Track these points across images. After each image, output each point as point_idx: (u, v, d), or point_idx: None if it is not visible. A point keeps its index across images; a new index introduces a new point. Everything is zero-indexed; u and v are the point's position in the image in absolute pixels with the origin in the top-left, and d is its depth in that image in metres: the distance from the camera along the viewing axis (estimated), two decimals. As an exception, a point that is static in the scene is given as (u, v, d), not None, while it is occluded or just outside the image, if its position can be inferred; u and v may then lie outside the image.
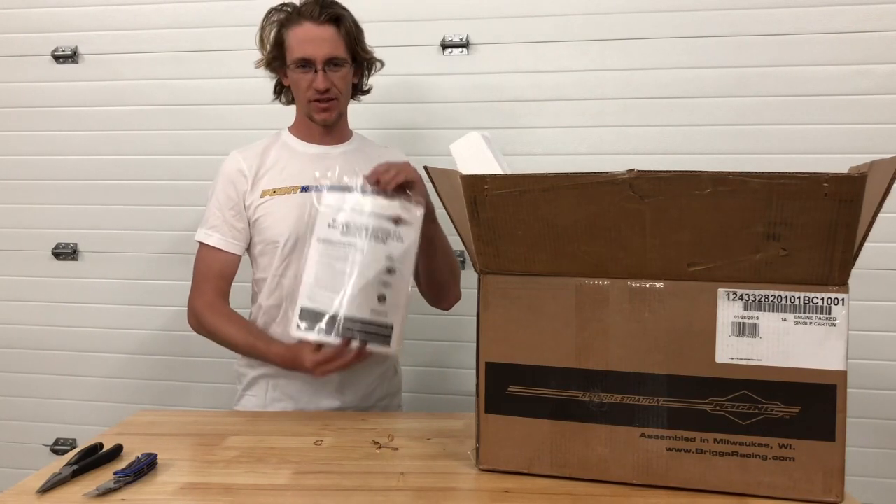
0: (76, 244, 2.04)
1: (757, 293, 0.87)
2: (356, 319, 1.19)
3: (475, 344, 0.97)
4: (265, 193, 1.35)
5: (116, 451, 1.03)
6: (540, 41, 1.85)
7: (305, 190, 1.34)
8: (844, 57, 1.75)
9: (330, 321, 1.19)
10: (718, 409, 0.88)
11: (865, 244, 0.83)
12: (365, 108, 1.57)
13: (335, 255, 1.21)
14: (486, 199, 0.90)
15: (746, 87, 1.78)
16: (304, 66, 1.32)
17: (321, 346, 1.20)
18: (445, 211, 1.01)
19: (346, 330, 1.18)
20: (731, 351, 0.87)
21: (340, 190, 1.24)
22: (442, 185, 0.98)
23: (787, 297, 0.86)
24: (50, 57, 2.01)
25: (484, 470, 0.97)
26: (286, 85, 1.42)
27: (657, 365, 0.89)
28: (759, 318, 0.87)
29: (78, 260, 2.04)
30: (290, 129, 1.44)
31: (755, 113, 1.79)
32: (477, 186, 0.90)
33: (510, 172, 1.00)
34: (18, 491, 0.92)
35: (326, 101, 1.34)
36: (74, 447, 1.44)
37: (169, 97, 1.98)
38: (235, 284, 1.38)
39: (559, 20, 1.84)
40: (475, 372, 0.97)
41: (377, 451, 1.07)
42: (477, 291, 0.97)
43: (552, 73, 1.85)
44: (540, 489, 0.92)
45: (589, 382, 0.92)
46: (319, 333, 1.19)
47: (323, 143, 1.42)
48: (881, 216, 0.80)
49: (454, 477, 0.97)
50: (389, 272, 1.22)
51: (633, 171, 0.83)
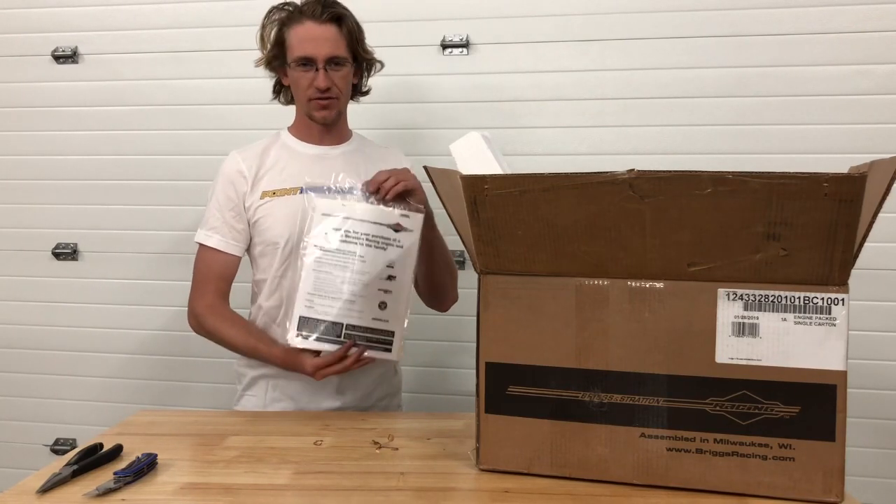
0: (76, 244, 2.04)
1: (757, 293, 0.87)
2: (357, 327, 1.20)
3: (475, 344, 0.97)
4: (265, 195, 1.34)
5: (116, 451, 1.03)
6: (540, 41, 1.85)
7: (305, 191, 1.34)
8: (844, 57, 1.75)
9: (330, 329, 1.19)
10: (718, 409, 0.88)
11: (865, 244, 0.83)
12: (365, 108, 1.56)
13: (334, 262, 1.21)
14: (486, 199, 0.90)
15: (746, 87, 1.78)
16: (305, 64, 1.32)
17: (321, 350, 1.20)
18: (445, 211, 1.00)
19: (347, 337, 1.19)
20: (731, 351, 0.87)
21: (339, 196, 1.24)
22: (442, 185, 0.98)
23: (787, 297, 0.86)
24: (50, 57, 2.01)
25: (484, 470, 0.97)
26: (285, 84, 1.42)
27: (657, 365, 0.89)
28: (759, 318, 0.87)
29: (78, 260, 2.04)
30: (289, 129, 1.44)
31: (755, 113, 1.79)
32: (477, 186, 0.90)
33: (510, 172, 1.00)
34: (18, 491, 0.92)
35: (326, 99, 1.34)
36: (74, 447, 1.44)
37: (169, 97, 1.98)
38: (235, 285, 1.38)
39: (559, 20, 1.84)
40: (475, 372, 0.97)
41: (377, 451, 1.07)
42: (477, 291, 0.97)
43: (552, 73, 1.85)
44: (540, 489, 0.92)
45: (589, 382, 0.92)
46: (319, 342, 1.19)
47: (322, 143, 1.41)
48: (881, 216, 0.80)
49: (454, 477, 0.97)
50: (390, 279, 1.22)
51: (633, 171, 0.83)
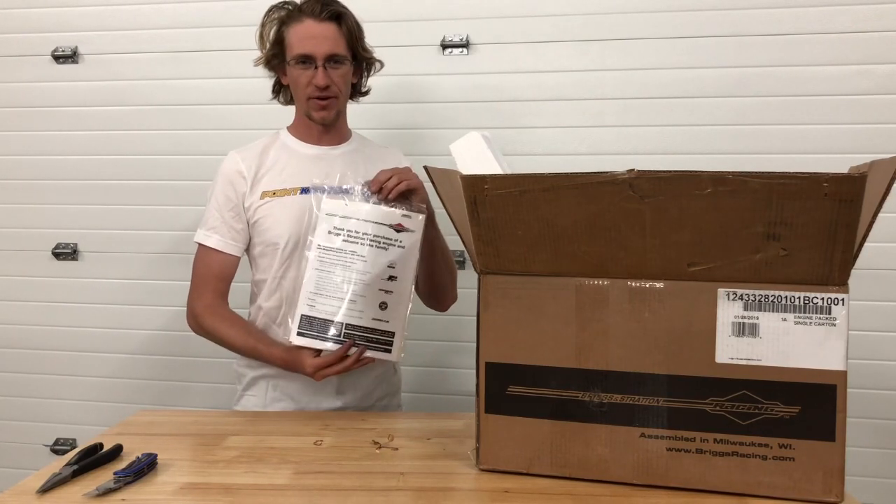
0: (76, 244, 2.03)
1: (757, 293, 0.87)
2: (357, 327, 1.20)
3: (475, 344, 0.97)
4: (265, 195, 1.34)
5: (116, 451, 1.03)
6: (540, 41, 1.85)
7: (305, 192, 1.33)
8: (844, 57, 1.75)
9: (331, 329, 1.19)
10: (718, 409, 0.88)
11: (865, 244, 0.83)
12: (365, 108, 1.56)
13: (336, 262, 1.21)
14: (486, 199, 0.90)
15: (746, 87, 1.78)
16: (304, 62, 1.31)
17: (321, 350, 1.21)
18: (445, 211, 1.00)
19: (347, 337, 1.19)
20: (731, 351, 0.87)
21: (341, 195, 1.24)
22: (442, 185, 0.98)
23: (787, 297, 0.86)
24: (50, 57, 2.01)
25: (484, 470, 0.97)
26: (285, 84, 1.41)
27: (657, 365, 0.89)
28: (759, 318, 0.87)
29: (78, 260, 2.04)
30: (288, 128, 1.44)
31: (755, 113, 1.79)
32: (477, 186, 0.90)
33: (510, 172, 1.00)
34: (18, 491, 0.92)
35: (325, 98, 1.33)
36: (74, 447, 1.44)
37: (169, 97, 1.98)
38: (234, 285, 1.38)
39: (559, 20, 1.84)
40: (475, 372, 0.97)
41: (377, 451, 1.07)
42: (477, 291, 0.97)
43: (552, 73, 1.85)
44: (540, 489, 0.92)
45: (589, 382, 0.92)
46: (320, 341, 1.19)
47: (322, 143, 1.41)
48: (881, 216, 0.80)
49: (454, 477, 0.97)
50: (391, 279, 1.22)
51: (633, 171, 0.83)
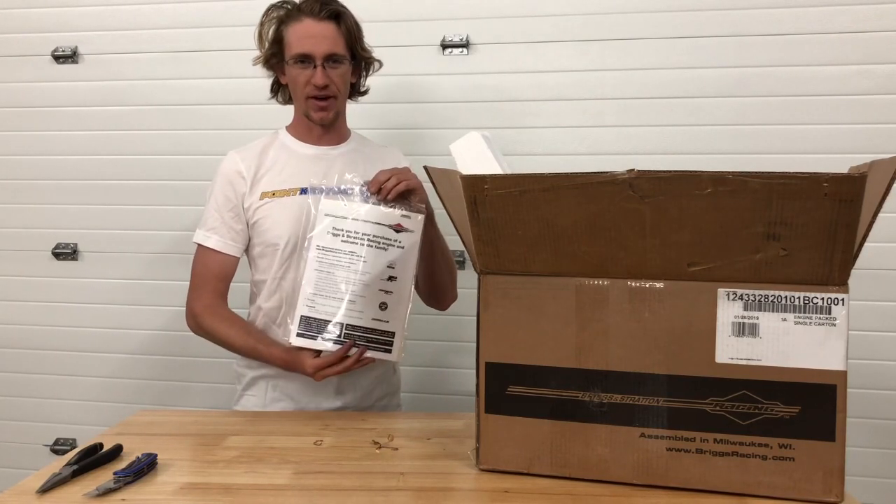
0: (76, 244, 2.03)
1: (757, 293, 0.87)
2: (357, 327, 1.20)
3: (475, 344, 0.97)
4: (264, 195, 1.34)
5: (116, 451, 1.03)
6: (540, 41, 1.85)
7: (305, 192, 1.33)
8: (844, 57, 1.75)
9: (331, 329, 1.19)
10: (718, 409, 0.88)
11: (865, 244, 0.83)
12: (365, 108, 1.56)
13: (336, 262, 1.21)
14: (486, 199, 0.90)
15: (747, 87, 1.78)
16: (302, 61, 1.31)
17: (321, 350, 1.21)
18: (445, 211, 1.00)
19: (347, 337, 1.19)
20: (731, 351, 0.87)
21: (340, 196, 1.24)
22: (442, 185, 0.98)
23: (787, 297, 0.86)
24: (50, 57, 2.01)
25: (484, 470, 0.97)
26: (283, 83, 1.41)
27: (657, 365, 0.89)
28: (759, 318, 0.87)
29: (78, 260, 2.04)
30: (287, 128, 1.44)
31: (755, 113, 1.79)
32: (477, 186, 0.90)
33: (510, 172, 1.00)
34: (18, 491, 0.92)
35: (324, 98, 1.33)
36: (74, 447, 1.44)
37: (169, 97, 1.98)
38: (233, 285, 1.38)
39: (559, 20, 1.84)
40: (475, 372, 0.97)
41: (377, 451, 1.07)
42: (477, 291, 0.97)
43: (552, 73, 1.85)
44: (540, 489, 0.92)
45: (589, 382, 0.92)
46: (319, 341, 1.19)
47: (321, 143, 1.41)
48: (881, 216, 0.80)
49: (454, 477, 0.97)
50: (390, 280, 1.22)
51: (633, 171, 0.83)
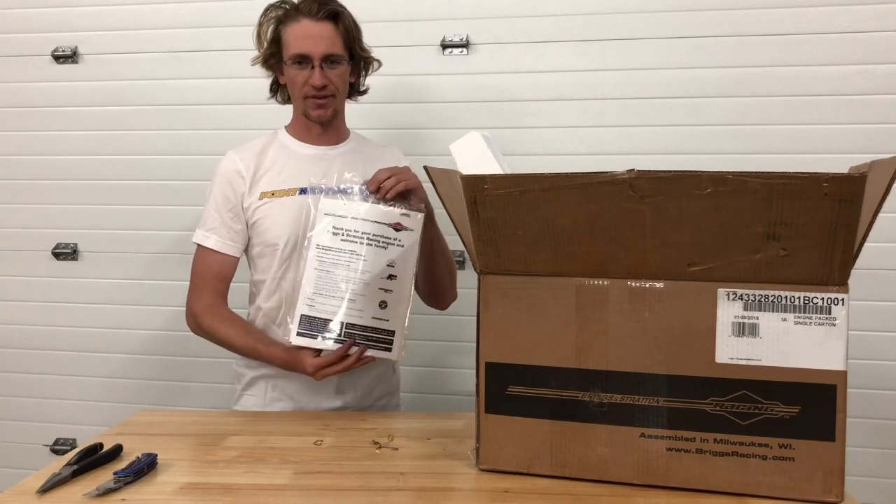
0: (76, 244, 2.03)
1: (757, 293, 0.87)
2: (357, 326, 1.20)
3: (475, 344, 0.97)
4: (264, 195, 1.34)
5: (116, 451, 1.03)
6: (540, 41, 1.85)
7: (304, 192, 1.33)
8: (844, 57, 1.75)
9: (331, 328, 1.19)
10: (718, 409, 0.88)
11: (865, 244, 0.83)
12: (364, 107, 1.56)
13: (336, 261, 1.21)
14: (486, 199, 0.90)
15: (747, 87, 1.78)
16: (301, 62, 1.31)
17: (321, 349, 1.21)
18: (445, 211, 1.00)
19: (347, 336, 1.19)
20: (731, 351, 0.87)
21: (340, 195, 1.24)
22: (442, 185, 0.98)
23: (787, 297, 0.86)
24: (50, 57, 2.01)
25: (484, 470, 0.97)
26: (282, 83, 1.41)
27: (657, 365, 0.89)
28: (758, 318, 0.87)
29: (78, 260, 2.04)
30: (286, 128, 1.44)
31: (755, 113, 1.79)
32: (477, 186, 0.90)
33: (510, 172, 1.00)
34: (18, 491, 0.92)
35: (323, 97, 1.33)
36: (74, 447, 1.44)
37: (169, 97, 1.98)
38: (233, 285, 1.38)
39: (559, 20, 1.84)
40: (475, 372, 0.97)
41: (377, 451, 1.07)
42: (477, 291, 0.97)
43: (552, 73, 1.85)
44: (540, 489, 0.92)
45: (589, 382, 0.92)
46: (320, 340, 1.19)
47: (320, 143, 1.41)
48: (881, 216, 0.80)
49: (454, 477, 0.97)
50: (390, 278, 1.22)
51: (633, 171, 0.83)
